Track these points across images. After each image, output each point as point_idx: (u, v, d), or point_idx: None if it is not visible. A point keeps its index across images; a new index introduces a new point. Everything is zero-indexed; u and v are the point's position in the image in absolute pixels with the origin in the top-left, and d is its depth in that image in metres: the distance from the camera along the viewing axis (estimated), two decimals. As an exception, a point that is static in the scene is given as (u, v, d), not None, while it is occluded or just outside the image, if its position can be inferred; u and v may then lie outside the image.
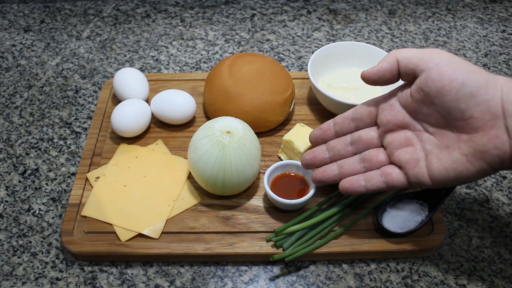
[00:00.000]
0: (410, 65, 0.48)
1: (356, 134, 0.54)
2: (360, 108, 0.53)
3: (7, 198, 0.65)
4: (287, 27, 0.93)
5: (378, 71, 0.50)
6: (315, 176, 0.55)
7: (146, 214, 0.60)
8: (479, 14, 0.95)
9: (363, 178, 0.52)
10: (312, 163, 0.56)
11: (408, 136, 0.50)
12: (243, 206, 0.61)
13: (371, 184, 0.51)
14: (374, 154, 0.52)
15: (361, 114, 0.53)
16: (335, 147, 0.54)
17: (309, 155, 0.56)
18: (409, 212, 0.58)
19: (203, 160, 0.57)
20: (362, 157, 0.53)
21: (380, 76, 0.50)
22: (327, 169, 0.54)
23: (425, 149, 0.49)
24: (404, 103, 0.50)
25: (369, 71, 0.51)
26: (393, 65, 0.49)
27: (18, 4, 0.99)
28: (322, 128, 0.56)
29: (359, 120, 0.53)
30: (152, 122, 0.71)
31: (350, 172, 0.53)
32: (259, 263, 0.58)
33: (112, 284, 0.56)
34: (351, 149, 0.54)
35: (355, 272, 0.57)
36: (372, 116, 0.53)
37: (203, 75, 0.79)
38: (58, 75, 0.83)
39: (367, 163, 0.52)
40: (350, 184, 0.52)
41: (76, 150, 0.71)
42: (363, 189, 0.51)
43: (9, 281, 0.56)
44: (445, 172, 0.46)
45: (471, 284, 0.56)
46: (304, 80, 0.78)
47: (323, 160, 0.55)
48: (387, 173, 0.51)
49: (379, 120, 0.52)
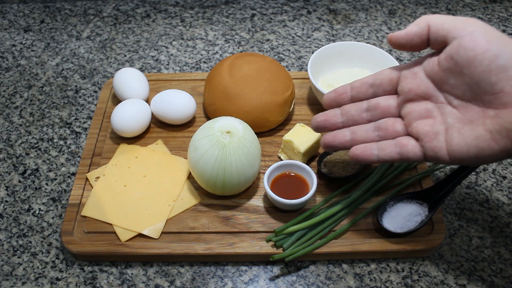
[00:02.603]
0: (442, 31, 0.45)
1: (373, 101, 0.50)
2: (381, 74, 0.50)
3: (7, 198, 0.65)
4: (287, 27, 0.93)
5: (407, 35, 0.47)
6: (325, 140, 0.52)
7: (146, 214, 0.60)
8: (479, 14, 0.95)
9: (376, 147, 0.49)
10: (323, 126, 0.52)
11: (429, 107, 0.47)
12: (243, 206, 0.61)
13: (384, 153, 0.48)
14: (391, 123, 0.49)
15: (381, 80, 0.50)
16: (350, 112, 0.51)
17: (321, 117, 0.52)
18: (409, 212, 0.58)
19: (203, 160, 0.57)
20: (378, 125, 0.50)
21: (408, 40, 0.47)
22: (339, 134, 0.51)
23: (446, 123, 0.46)
24: (430, 72, 0.47)
25: (397, 34, 0.47)
26: (424, 30, 0.46)
27: (18, 4, 0.99)
28: (337, 91, 0.52)
29: (378, 86, 0.50)
30: (152, 122, 0.71)
31: (363, 139, 0.50)
32: (259, 263, 0.58)
33: (112, 284, 0.56)
34: (366, 116, 0.51)
35: (355, 272, 0.57)
36: (393, 83, 0.50)
37: (203, 75, 0.79)
38: (58, 75, 0.83)
39: (382, 131, 0.49)
40: (362, 151, 0.49)
41: (76, 150, 0.71)
42: (375, 158, 0.48)
43: (9, 281, 0.56)
44: (465, 148, 0.44)
45: (471, 284, 0.56)
46: (304, 80, 0.78)
47: (335, 124, 0.52)
48: (403, 144, 0.47)
49: (400, 88, 0.49)
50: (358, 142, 0.50)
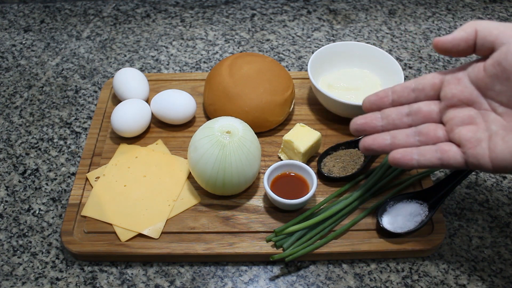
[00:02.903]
0: (490, 36, 0.44)
1: (415, 106, 0.50)
2: (423, 79, 0.50)
3: (7, 198, 0.65)
4: (287, 27, 0.93)
5: (454, 39, 0.46)
6: (365, 143, 0.50)
7: (146, 214, 0.60)
8: (479, 14, 0.95)
9: (417, 152, 0.47)
10: (363, 129, 0.51)
11: (472, 114, 0.46)
12: (243, 206, 0.61)
13: (424, 159, 0.47)
14: (432, 128, 0.48)
15: (423, 85, 0.49)
16: (390, 115, 0.50)
17: (361, 120, 0.51)
18: (409, 212, 0.58)
19: (203, 160, 0.57)
20: (419, 130, 0.49)
21: (454, 45, 0.46)
22: (379, 137, 0.50)
23: (489, 130, 0.45)
24: (475, 78, 0.46)
25: (443, 38, 0.47)
26: (470, 35, 0.45)
27: (18, 4, 0.99)
28: (378, 95, 0.51)
29: (420, 91, 0.49)
30: (152, 122, 0.71)
31: (403, 144, 0.49)
32: (259, 263, 0.58)
33: (112, 284, 0.56)
34: (407, 120, 0.50)
35: (355, 272, 0.57)
36: (435, 88, 0.49)
37: (203, 75, 0.79)
38: (58, 75, 0.83)
39: (423, 137, 0.48)
40: (402, 155, 0.48)
41: (76, 150, 0.71)
42: (415, 162, 0.47)
43: (9, 281, 0.56)
44: (509, 155, 0.43)
45: (471, 284, 0.56)
46: (304, 80, 0.78)
47: (375, 127, 0.51)
48: (444, 150, 0.46)
49: (443, 93, 0.48)
50: (398, 147, 0.49)
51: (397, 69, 0.70)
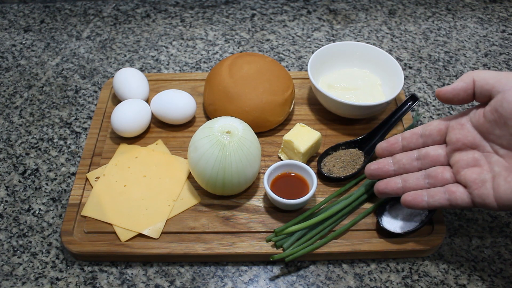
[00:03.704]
0: (487, 85, 0.48)
1: (423, 150, 0.54)
2: (430, 125, 0.54)
3: (7, 198, 0.65)
4: (287, 27, 0.93)
5: (454, 90, 0.50)
6: (378, 187, 0.55)
7: (146, 214, 0.60)
8: (479, 14, 0.95)
9: (426, 194, 0.51)
10: (376, 174, 0.56)
11: (476, 156, 0.50)
12: (243, 206, 0.61)
13: (434, 200, 0.51)
14: (440, 171, 0.52)
15: (430, 131, 0.54)
16: (401, 160, 0.55)
17: (374, 165, 0.56)
18: (409, 212, 0.58)
19: (203, 160, 0.57)
20: (428, 173, 0.53)
21: (455, 95, 0.51)
22: (391, 182, 0.54)
23: (493, 171, 0.48)
24: (476, 123, 0.50)
25: (444, 89, 0.51)
26: (469, 85, 0.50)
27: (18, 4, 0.99)
28: (389, 141, 0.56)
29: (428, 136, 0.54)
30: (152, 122, 0.71)
31: (414, 186, 0.53)
32: (259, 263, 0.58)
33: (112, 284, 0.56)
34: (417, 164, 0.54)
35: (355, 272, 0.57)
36: (441, 133, 0.53)
37: (203, 75, 0.79)
38: (58, 75, 0.83)
39: (432, 179, 0.52)
40: (413, 198, 0.52)
41: (76, 150, 0.71)
42: (425, 204, 0.51)
43: (9, 281, 0.56)
44: None
45: (471, 284, 0.56)
46: (304, 80, 0.78)
47: (388, 172, 0.55)
48: (451, 191, 0.50)
49: (448, 138, 0.52)
50: (409, 189, 0.53)
51: (397, 69, 0.70)
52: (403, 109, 0.66)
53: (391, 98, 0.66)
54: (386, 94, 0.71)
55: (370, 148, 0.65)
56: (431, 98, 0.78)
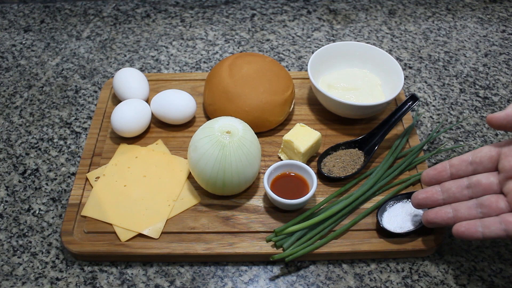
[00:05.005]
0: None
1: (474, 178, 0.51)
2: (480, 152, 0.51)
3: (7, 198, 0.65)
4: (287, 27, 0.93)
5: (507, 116, 0.48)
6: (428, 217, 0.53)
7: (146, 214, 0.60)
8: (479, 14, 0.95)
9: (481, 224, 0.49)
10: (425, 203, 0.54)
11: None
12: (243, 206, 0.61)
13: (489, 231, 0.48)
14: (494, 200, 0.49)
15: (481, 158, 0.51)
16: (451, 189, 0.52)
17: (422, 194, 0.54)
18: (409, 212, 0.58)
19: (203, 160, 0.57)
20: (480, 202, 0.50)
21: (509, 121, 0.48)
22: (441, 211, 0.52)
23: None
24: None
25: (496, 115, 0.49)
26: None
27: (18, 4, 0.99)
28: (437, 169, 0.53)
29: (478, 164, 0.51)
30: (152, 122, 0.71)
31: (465, 216, 0.50)
32: (259, 263, 0.58)
33: (112, 284, 0.56)
34: (467, 193, 0.51)
35: (355, 272, 0.57)
36: (493, 161, 0.50)
37: (203, 75, 0.79)
38: (58, 75, 0.83)
39: (485, 208, 0.49)
40: (466, 228, 0.49)
41: (76, 150, 0.71)
42: (480, 235, 0.49)
43: (9, 281, 0.56)
44: None
45: (471, 284, 0.56)
46: (304, 80, 0.78)
47: (436, 201, 0.53)
48: (508, 222, 0.47)
49: (501, 165, 0.49)
50: (461, 219, 0.51)
51: (397, 69, 0.70)
52: (403, 109, 0.66)
53: (391, 98, 0.66)
54: (386, 94, 0.71)
55: (370, 148, 0.65)
56: (431, 98, 0.78)
